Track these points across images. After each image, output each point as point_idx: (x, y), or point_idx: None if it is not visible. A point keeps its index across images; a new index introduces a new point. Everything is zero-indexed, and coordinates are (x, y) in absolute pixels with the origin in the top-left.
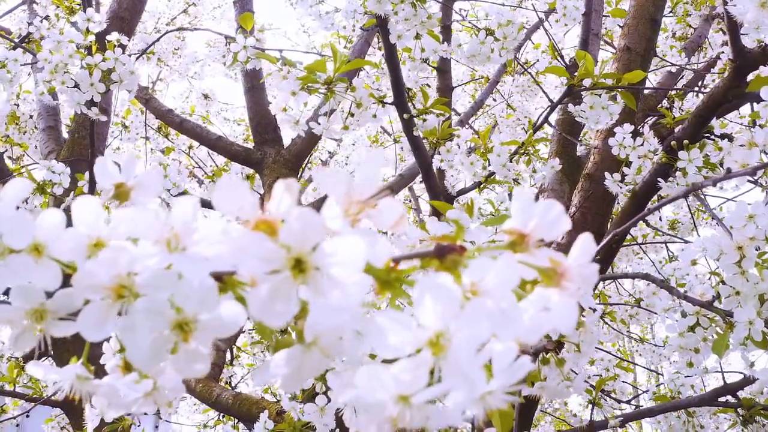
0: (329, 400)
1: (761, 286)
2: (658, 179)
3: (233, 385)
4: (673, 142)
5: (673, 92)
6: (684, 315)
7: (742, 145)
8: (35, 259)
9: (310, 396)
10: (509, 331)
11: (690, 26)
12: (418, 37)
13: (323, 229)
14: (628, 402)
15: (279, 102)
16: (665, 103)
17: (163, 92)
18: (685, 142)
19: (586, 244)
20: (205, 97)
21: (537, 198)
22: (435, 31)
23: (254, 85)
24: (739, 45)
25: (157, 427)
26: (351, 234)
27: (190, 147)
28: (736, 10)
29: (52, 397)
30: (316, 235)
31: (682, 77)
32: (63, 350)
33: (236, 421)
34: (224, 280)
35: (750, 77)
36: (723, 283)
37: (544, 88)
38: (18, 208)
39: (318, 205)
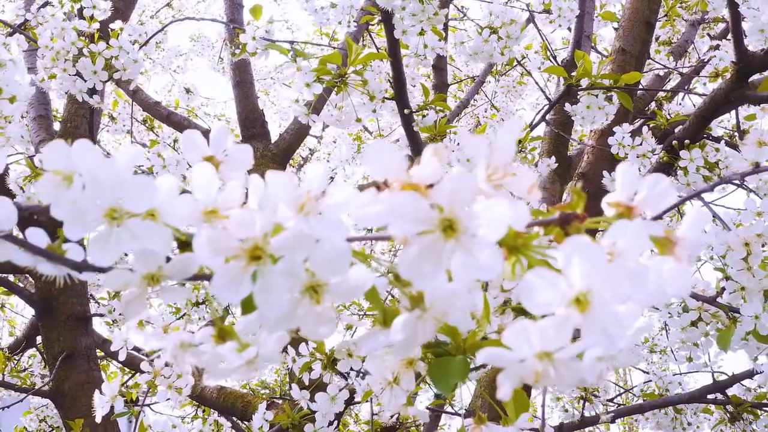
0: (340, 390)
1: (766, 281)
2: None
3: None
4: (674, 142)
5: (662, 94)
6: (686, 310)
7: (750, 144)
8: (153, 224)
9: (315, 386)
10: (641, 293)
11: (676, 31)
12: (422, 33)
13: (476, 191)
14: (611, 400)
15: (289, 94)
16: (653, 105)
17: (144, 86)
18: (687, 141)
19: (700, 216)
20: (187, 91)
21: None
22: (438, 28)
23: (243, 79)
24: (742, 47)
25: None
26: (497, 197)
27: (175, 140)
28: (749, 12)
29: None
30: (469, 197)
31: (669, 80)
32: (54, 341)
33: (217, 414)
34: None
35: (753, 79)
36: (727, 279)
37: (531, 88)
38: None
39: None
